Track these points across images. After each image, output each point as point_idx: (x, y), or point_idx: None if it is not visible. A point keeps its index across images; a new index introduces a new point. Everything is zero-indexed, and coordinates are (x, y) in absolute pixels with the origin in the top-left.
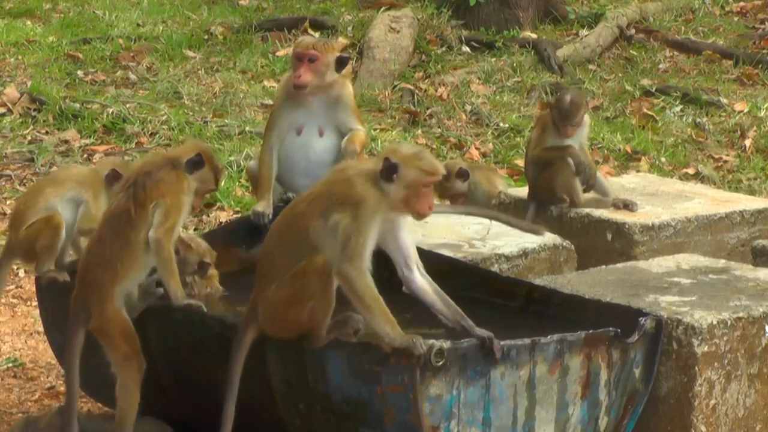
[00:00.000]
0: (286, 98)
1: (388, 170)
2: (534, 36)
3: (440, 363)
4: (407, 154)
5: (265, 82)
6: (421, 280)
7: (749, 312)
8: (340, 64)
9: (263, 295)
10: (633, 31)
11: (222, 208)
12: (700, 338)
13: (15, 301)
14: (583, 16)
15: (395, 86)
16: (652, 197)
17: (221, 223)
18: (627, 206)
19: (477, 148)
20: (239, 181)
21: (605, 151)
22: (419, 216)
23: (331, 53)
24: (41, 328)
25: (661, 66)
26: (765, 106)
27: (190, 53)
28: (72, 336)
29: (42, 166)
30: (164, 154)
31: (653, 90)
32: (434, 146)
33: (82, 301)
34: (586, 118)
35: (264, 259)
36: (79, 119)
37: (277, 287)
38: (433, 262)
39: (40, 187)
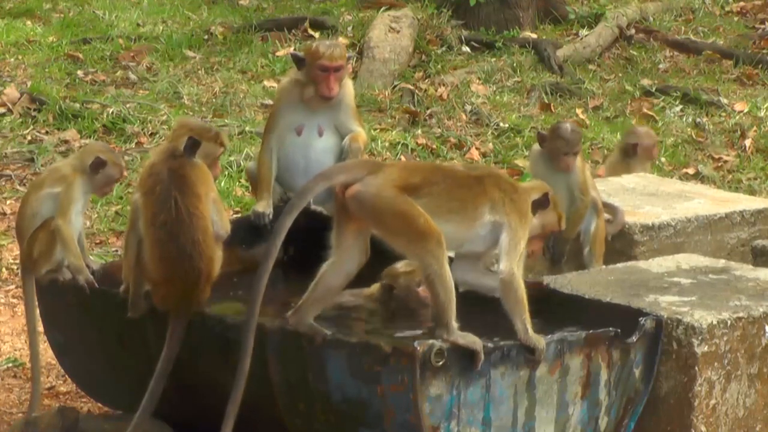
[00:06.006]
0: (287, 99)
1: (542, 204)
2: (534, 36)
3: (440, 363)
4: (555, 199)
5: (265, 82)
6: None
7: (749, 312)
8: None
9: (397, 181)
10: (633, 31)
11: None
12: (700, 338)
13: (15, 301)
14: (583, 16)
15: (395, 86)
16: (652, 197)
17: None
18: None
19: (477, 148)
20: (239, 181)
21: (605, 151)
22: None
23: (346, 58)
24: (41, 328)
25: (661, 66)
26: (765, 106)
27: (190, 53)
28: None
29: (42, 166)
30: None
31: (653, 90)
32: (434, 146)
33: None
34: (579, 162)
35: (428, 169)
36: (79, 119)
37: (408, 204)
38: None
39: (25, 197)
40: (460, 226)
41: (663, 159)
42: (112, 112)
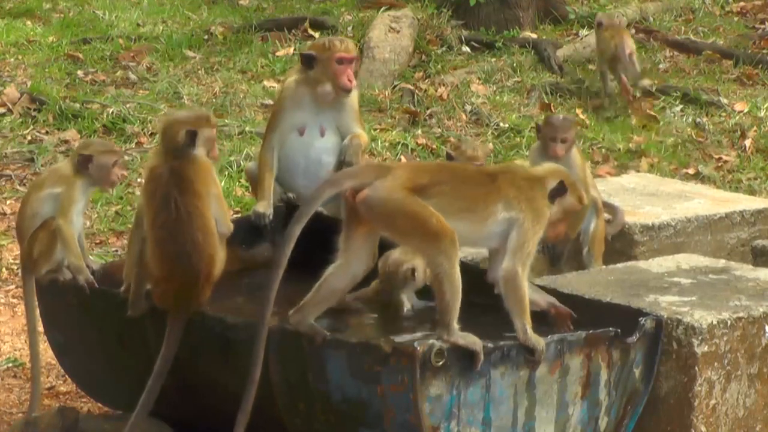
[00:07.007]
0: (291, 98)
1: (558, 192)
2: (534, 36)
3: (440, 363)
4: (571, 181)
5: (265, 82)
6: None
7: (749, 312)
8: None
9: (409, 182)
10: (633, 31)
11: None
12: (700, 338)
13: (15, 301)
14: (583, 16)
15: (395, 86)
16: (652, 197)
17: None
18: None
19: None
20: (239, 181)
21: (604, 151)
22: (551, 240)
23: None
24: (41, 328)
25: (661, 66)
26: (765, 106)
27: (190, 53)
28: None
29: (42, 166)
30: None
31: (653, 90)
32: (434, 146)
33: None
34: (575, 153)
35: (438, 170)
36: (79, 119)
37: (419, 205)
38: None
39: (26, 197)
40: (472, 223)
41: (663, 159)
42: (112, 112)
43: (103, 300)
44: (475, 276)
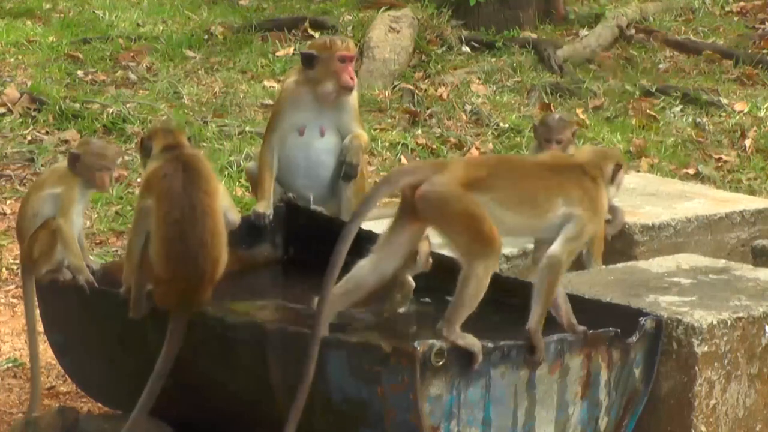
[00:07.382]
0: (291, 99)
1: (618, 171)
2: (534, 36)
3: (440, 363)
4: (622, 158)
5: (265, 82)
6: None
7: (749, 312)
8: None
9: (465, 177)
10: (633, 31)
11: None
12: (700, 338)
13: (15, 301)
14: (583, 16)
15: (395, 86)
16: (652, 197)
17: None
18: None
19: (477, 148)
20: (239, 181)
21: None
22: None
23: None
24: (41, 328)
25: (661, 66)
26: (765, 106)
27: (190, 53)
28: None
29: (42, 166)
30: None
31: (653, 90)
32: (434, 146)
33: None
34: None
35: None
36: (79, 119)
37: (476, 205)
38: (435, 261)
39: (26, 197)
40: (531, 217)
41: (663, 159)
42: (112, 112)
43: (103, 300)
44: None
